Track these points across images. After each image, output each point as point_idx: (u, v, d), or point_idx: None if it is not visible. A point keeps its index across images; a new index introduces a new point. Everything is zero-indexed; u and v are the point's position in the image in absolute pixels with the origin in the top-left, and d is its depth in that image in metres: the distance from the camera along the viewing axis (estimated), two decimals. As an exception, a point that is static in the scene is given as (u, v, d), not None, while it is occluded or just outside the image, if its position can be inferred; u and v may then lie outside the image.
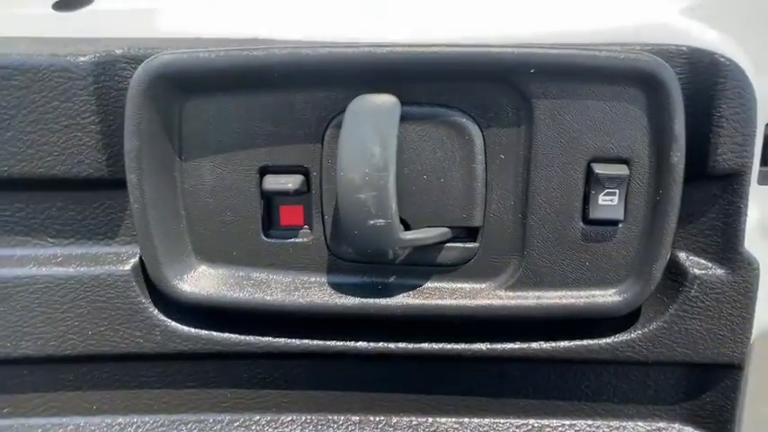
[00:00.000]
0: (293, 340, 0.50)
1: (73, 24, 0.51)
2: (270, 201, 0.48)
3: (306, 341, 0.50)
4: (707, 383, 0.52)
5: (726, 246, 0.47)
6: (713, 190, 0.47)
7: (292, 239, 0.49)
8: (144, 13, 0.51)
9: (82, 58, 0.45)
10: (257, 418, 0.54)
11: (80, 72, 0.45)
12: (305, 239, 0.49)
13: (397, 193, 0.41)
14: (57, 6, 0.52)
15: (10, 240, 0.50)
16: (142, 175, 0.45)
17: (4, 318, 0.49)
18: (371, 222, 0.41)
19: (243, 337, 0.50)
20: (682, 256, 0.49)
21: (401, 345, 0.50)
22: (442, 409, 0.54)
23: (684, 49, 0.44)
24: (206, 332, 0.50)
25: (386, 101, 0.42)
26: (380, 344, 0.50)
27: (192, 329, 0.50)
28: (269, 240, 0.48)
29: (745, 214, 0.46)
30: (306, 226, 0.49)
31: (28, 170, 0.47)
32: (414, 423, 0.54)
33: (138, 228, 0.46)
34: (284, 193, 0.46)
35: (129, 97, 0.44)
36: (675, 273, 0.49)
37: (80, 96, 0.45)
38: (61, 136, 0.46)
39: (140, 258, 0.49)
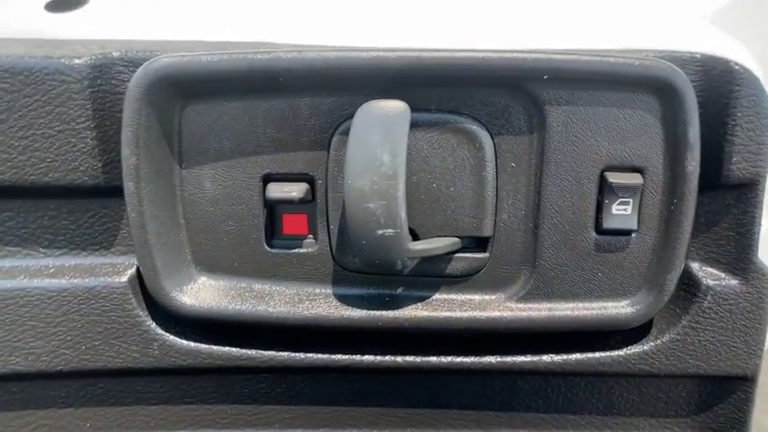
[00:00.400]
0: (297, 354, 0.48)
1: (67, 25, 0.49)
2: (273, 209, 0.47)
3: (310, 355, 0.48)
4: (719, 396, 0.51)
5: (739, 256, 0.47)
6: (727, 199, 0.46)
7: (296, 249, 0.47)
8: (141, 15, 0.49)
9: (77, 61, 0.43)
10: None
11: (75, 75, 0.43)
12: (309, 249, 0.47)
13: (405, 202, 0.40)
14: (49, 7, 0.50)
15: None
16: (140, 183, 0.43)
17: None
18: (380, 232, 0.40)
19: (244, 351, 0.48)
20: (695, 266, 0.48)
21: (408, 358, 0.49)
22: (450, 424, 0.53)
23: (698, 56, 0.44)
24: (206, 346, 0.48)
25: (396, 107, 0.41)
26: (387, 357, 0.49)
27: (192, 343, 0.48)
28: (272, 250, 0.47)
29: (759, 224, 0.46)
30: (310, 236, 0.47)
31: (19, 177, 0.45)
32: None
33: (136, 237, 0.44)
34: (288, 202, 0.45)
35: (126, 101, 0.42)
36: (688, 283, 0.48)
37: (75, 100, 0.43)
38: (54, 142, 0.44)
39: (137, 269, 0.47)
